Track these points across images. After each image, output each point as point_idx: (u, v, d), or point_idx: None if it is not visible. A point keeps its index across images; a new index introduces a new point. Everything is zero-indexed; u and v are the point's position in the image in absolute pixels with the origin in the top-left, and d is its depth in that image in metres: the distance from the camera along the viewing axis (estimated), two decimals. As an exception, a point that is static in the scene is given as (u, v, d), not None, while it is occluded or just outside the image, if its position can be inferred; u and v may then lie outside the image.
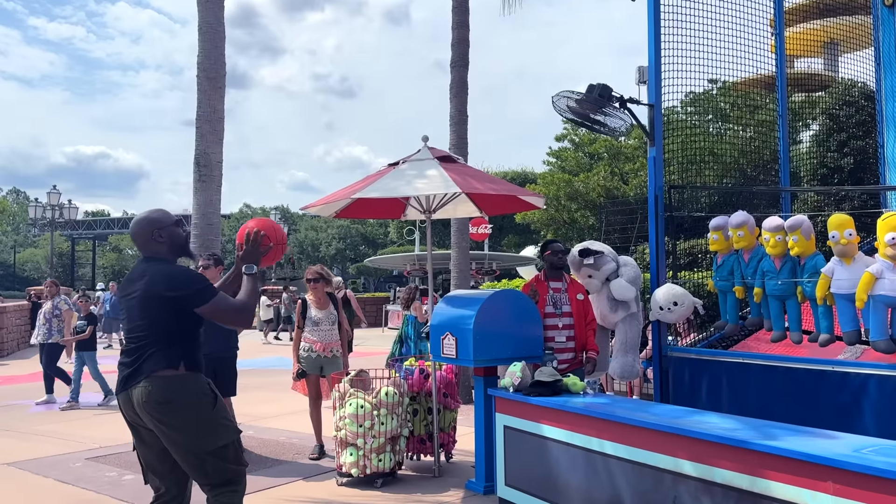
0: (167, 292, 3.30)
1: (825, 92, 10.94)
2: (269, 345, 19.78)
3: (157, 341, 3.31)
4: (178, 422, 3.27)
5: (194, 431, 3.28)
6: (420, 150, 6.08)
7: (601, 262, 5.95)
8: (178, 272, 3.43)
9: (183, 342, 3.38)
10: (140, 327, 3.35)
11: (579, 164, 25.57)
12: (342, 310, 6.89)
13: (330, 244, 60.13)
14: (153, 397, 3.25)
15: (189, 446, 3.28)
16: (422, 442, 6.10)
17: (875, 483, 2.85)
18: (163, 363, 3.29)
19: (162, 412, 3.26)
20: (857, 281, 4.70)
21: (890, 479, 2.80)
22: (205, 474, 3.32)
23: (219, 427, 3.36)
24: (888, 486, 2.81)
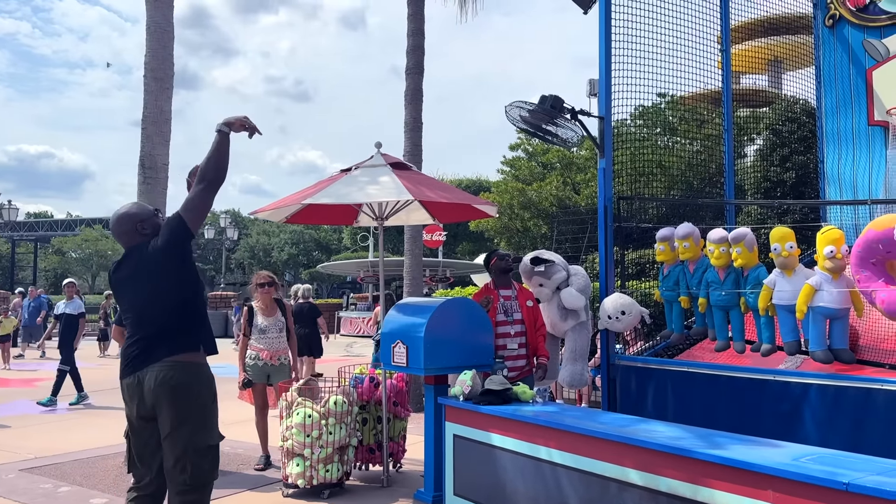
0: (163, 242, 3.34)
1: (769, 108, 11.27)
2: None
3: (174, 320, 3.33)
4: (185, 409, 3.27)
5: (194, 423, 3.29)
6: (373, 157, 6.05)
7: (552, 271, 6.00)
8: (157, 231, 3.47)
9: (198, 324, 3.43)
10: (148, 305, 3.34)
11: (532, 173, 25.81)
12: (290, 317, 6.78)
13: (282, 249, 59.31)
14: (169, 381, 3.25)
15: (183, 436, 3.27)
16: (371, 451, 6.03)
17: (813, 491, 2.92)
18: (184, 346, 3.32)
19: (175, 396, 3.25)
20: (797, 292, 4.84)
21: (826, 488, 2.87)
22: (182, 471, 3.28)
23: (214, 425, 3.41)
24: (825, 495, 2.87)
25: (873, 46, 7.10)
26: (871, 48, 7.12)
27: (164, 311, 3.35)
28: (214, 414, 3.42)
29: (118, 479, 6.06)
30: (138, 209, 3.57)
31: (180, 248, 3.38)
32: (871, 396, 4.54)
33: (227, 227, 40.53)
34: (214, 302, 26.71)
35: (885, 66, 6.99)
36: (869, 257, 4.55)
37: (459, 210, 6.78)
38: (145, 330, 3.36)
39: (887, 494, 2.69)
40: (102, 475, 6.19)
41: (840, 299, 4.74)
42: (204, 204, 3.41)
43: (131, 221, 3.49)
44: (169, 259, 3.35)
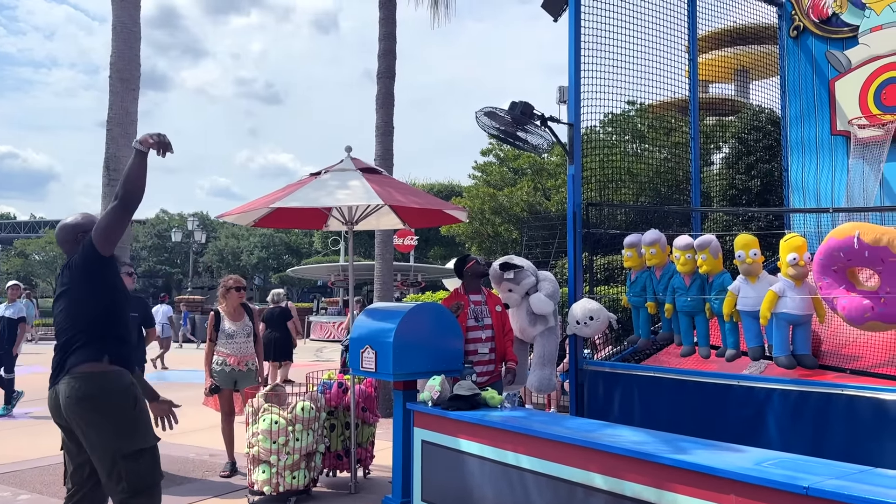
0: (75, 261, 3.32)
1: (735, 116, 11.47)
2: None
3: (80, 334, 3.29)
4: (97, 419, 3.22)
5: (113, 431, 3.24)
6: (343, 161, 6.02)
7: (521, 277, 6.02)
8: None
9: (106, 335, 3.34)
10: (64, 320, 3.33)
11: (504, 178, 25.91)
12: (258, 321, 6.71)
13: (252, 253, 58.74)
14: (75, 393, 3.20)
15: (106, 447, 3.23)
16: (338, 458, 5.99)
17: (774, 496, 2.96)
18: (86, 357, 3.26)
19: (83, 409, 3.21)
20: (761, 299, 4.92)
21: (787, 492, 2.91)
22: (119, 480, 3.24)
23: (139, 429, 3.33)
24: (786, 499, 2.91)
25: (836, 58, 7.27)
26: (834, 59, 7.29)
27: (74, 325, 3.33)
28: (136, 418, 3.35)
29: (79, 487, 5.93)
30: (82, 219, 3.51)
31: (90, 268, 3.32)
32: (832, 401, 4.63)
33: (194, 230, 40.00)
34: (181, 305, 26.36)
35: (847, 77, 7.15)
36: (830, 265, 4.65)
37: (430, 215, 6.77)
38: (60, 342, 3.35)
39: (846, 498, 2.74)
40: (62, 482, 6.04)
41: (803, 306, 4.83)
42: (113, 224, 3.30)
43: (73, 231, 3.46)
44: (80, 277, 3.32)
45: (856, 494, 2.72)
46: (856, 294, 4.58)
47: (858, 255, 4.45)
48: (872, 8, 7.00)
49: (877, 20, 6.96)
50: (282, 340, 10.84)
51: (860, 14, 7.10)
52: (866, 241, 4.39)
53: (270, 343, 10.53)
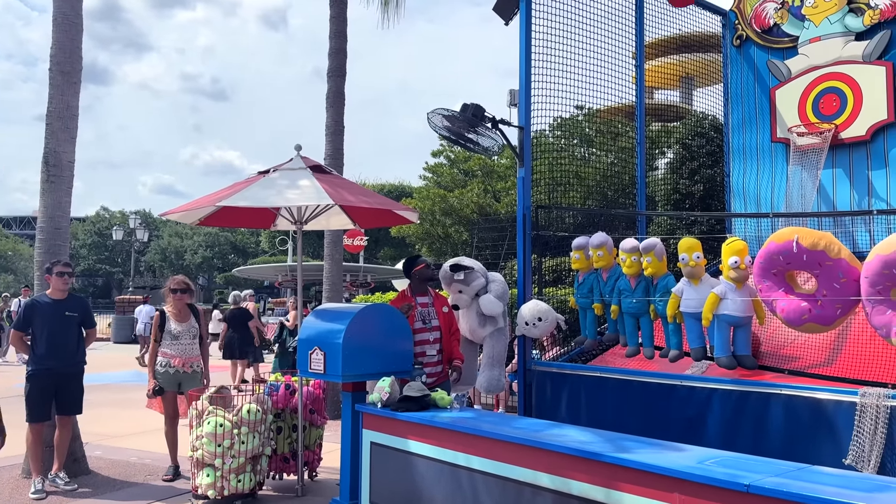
0: None
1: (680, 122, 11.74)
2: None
3: None
4: None
5: None
6: (292, 160, 5.94)
7: (471, 278, 6.04)
8: None
9: None
10: None
11: (454, 180, 25.99)
12: (205, 323, 6.57)
13: (196, 252, 57.49)
14: None
15: None
16: (285, 460, 5.91)
17: (717, 493, 3.03)
18: None
19: None
20: (703, 301, 5.04)
21: (729, 489, 2.99)
22: None
23: None
24: (727, 496, 2.99)
25: (777, 67, 7.51)
26: (775, 68, 7.52)
27: None
28: None
29: (15, 491, 5.72)
30: None
31: None
32: (771, 401, 4.77)
33: (136, 228, 38.88)
34: (122, 306, 25.60)
35: (787, 86, 7.39)
36: (770, 268, 4.79)
37: (381, 215, 6.74)
38: None
39: (785, 495, 2.83)
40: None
41: (743, 308, 4.97)
42: None
43: None
44: None
45: (794, 491, 2.81)
46: (794, 297, 4.74)
47: (797, 258, 4.60)
48: (811, 19, 7.26)
49: (815, 31, 7.22)
50: (241, 340, 11.48)
51: (800, 25, 7.35)
52: (804, 245, 4.54)
53: (233, 342, 11.39)
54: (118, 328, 24.49)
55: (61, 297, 5.98)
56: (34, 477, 5.75)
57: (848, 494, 2.75)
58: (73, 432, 6.15)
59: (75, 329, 6.01)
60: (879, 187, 6.83)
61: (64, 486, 5.80)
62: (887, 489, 2.91)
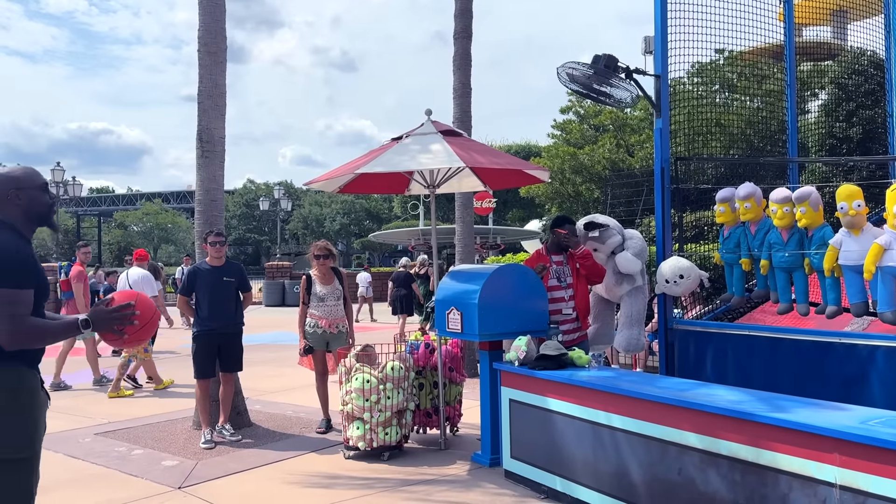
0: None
1: (834, 61, 10.78)
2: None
3: None
4: None
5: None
6: (423, 125, 6.03)
7: (606, 236, 5.92)
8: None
9: None
10: None
11: (584, 136, 25.39)
12: (346, 285, 6.88)
13: (334, 219, 60.09)
14: None
15: None
16: (427, 416, 6.12)
17: (881, 454, 2.85)
18: None
19: None
20: (865, 252, 4.66)
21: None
22: None
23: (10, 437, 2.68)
24: (894, 459, 2.80)
25: (949, -9, 6.70)
26: (947, -7, 6.72)
27: None
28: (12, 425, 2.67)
29: (188, 441, 6.31)
30: (24, 174, 2.91)
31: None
32: (944, 359, 4.38)
33: (280, 199, 41.21)
34: (271, 271, 27.29)
35: (961, 12, 6.59)
36: (943, 214, 4.35)
37: (511, 176, 6.72)
38: None
39: (962, 458, 2.61)
40: (172, 438, 6.45)
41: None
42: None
43: (7, 185, 2.84)
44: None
45: (975, 455, 2.59)
46: (973, 245, 4.28)
47: (976, 203, 4.14)
48: None
49: None
50: (405, 297, 13.68)
51: (978, -60, 6.49)
52: None
53: (397, 300, 13.82)
54: (269, 292, 26.10)
55: (219, 264, 6.45)
56: (203, 428, 6.31)
57: None
58: (235, 388, 6.68)
59: (233, 293, 6.47)
60: None
61: (230, 436, 6.33)
62: None
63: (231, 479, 5.27)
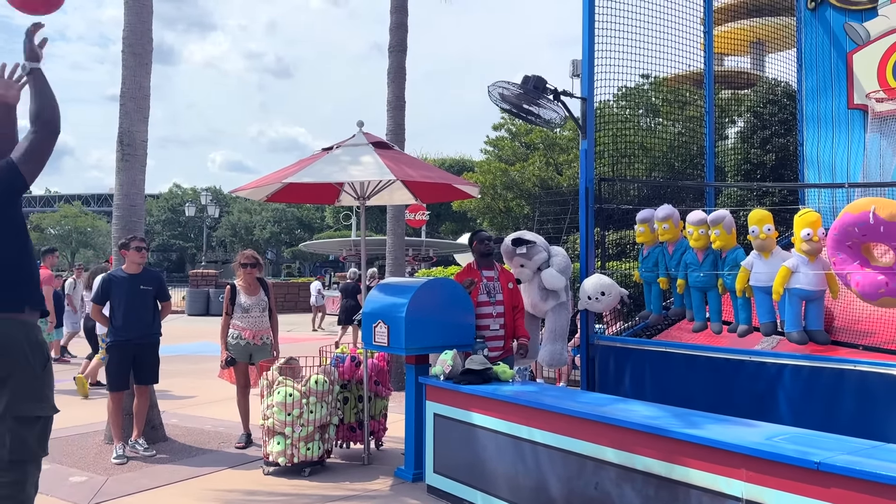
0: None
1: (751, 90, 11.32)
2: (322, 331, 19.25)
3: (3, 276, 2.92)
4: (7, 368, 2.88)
5: (18, 386, 2.90)
6: (354, 136, 6.00)
7: (533, 252, 6.03)
8: None
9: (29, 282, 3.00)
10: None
11: (516, 153, 25.77)
12: (273, 296, 6.76)
13: (264, 227, 58.98)
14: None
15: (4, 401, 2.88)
16: (352, 430, 6.06)
17: (785, 470, 2.98)
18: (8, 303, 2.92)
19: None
20: (774, 274, 4.90)
21: (798, 467, 2.93)
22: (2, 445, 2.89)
23: (44, 395, 3.00)
24: (797, 473, 2.93)
25: (854, 30, 7.14)
26: (853, 31, 7.16)
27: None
28: (45, 383, 2.99)
29: (98, 456, 6.05)
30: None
31: (10, 200, 2.96)
32: (844, 377, 4.63)
33: (208, 205, 40.15)
34: (196, 279, 26.53)
35: (865, 50, 7.03)
36: (845, 240, 4.61)
37: (442, 190, 6.76)
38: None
39: (857, 473, 2.75)
40: (82, 453, 6.17)
41: (816, 281, 4.81)
42: (46, 154, 2.97)
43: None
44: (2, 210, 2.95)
45: (867, 470, 2.74)
46: (870, 270, 4.55)
47: (874, 230, 4.41)
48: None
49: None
50: (353, 309, 13.49)
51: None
52: (882, 216, 4.35)
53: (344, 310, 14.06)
54: (192, 301, 25.34)
55: (136, 272, 6.24)
56: (115, 443, 6.06)
57: (926, 474, 2.66)
58: (150, 401, 6.45)
59: (150, 302, 6.27)
60: (967, 154, 6.46)
61: (143, 451, 6.10)
62: (969, 470, 2.79)
63: (143, 496, 5.08)
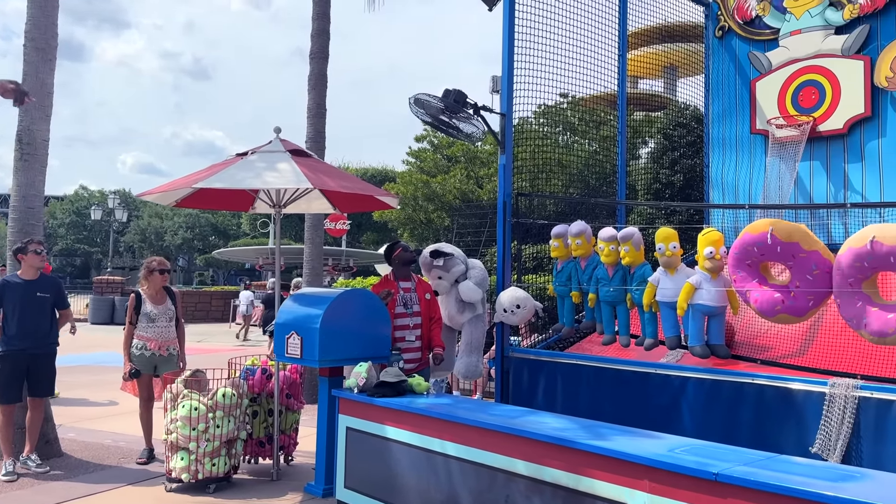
0: None
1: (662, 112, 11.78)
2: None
3: None
4: None
5: None
6: (271, 142, 5.89)
7: (451, 264, 6.05)
8: None
9: None
10: None
11: (437, 165, 25.89)
12: (181, 305, 6.52)
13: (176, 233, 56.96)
14: None
15: None
16: (261, 444, 5.90)
17: (686, 481, 3.08)
18: None
19: None
20: (679, 290, 5.08)
21: (697, 478, 3.03)
22: None
23: None
24: (696, 484, 3.04)
25: (757, 59, 7.54)
26: (756, 60, 7.55)
27: None
28: None
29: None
30: None
31: None
32: (743, 390, 4.84)
33: (115, 208, 38.40)
34: (100, 286, 25.34)
35: (767, 78, 7.43)
36: (745, 259, 4.83)
37: (361, 200, 6.70)
38: None
39: (753, 484, 2.87)
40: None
41: (718, 298, 5.01)
42: None
43: None
44: None
45: (762, 480, 2.86)
46: (767, 287, 4.79)
47: (771, 249, 4.64)
48: (793, 12, 7.29)
49: (796, 24, 7.25)
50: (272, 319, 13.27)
51: (781, 17, 7.38)
52: (779, 236, 4.58)
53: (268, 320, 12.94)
54: (96, 309, 24.20)
55: (33, 277, 5.90)
56: (5, 459, 5.69)
57: (814, 484, 2.80)
58: (45, 414, 6.09)
59: (48, 310, 5.93)
60: (855, 180, 6.91)
61: (35, 468, 5.75)
62: (852, 479, 2.96)
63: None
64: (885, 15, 6.69)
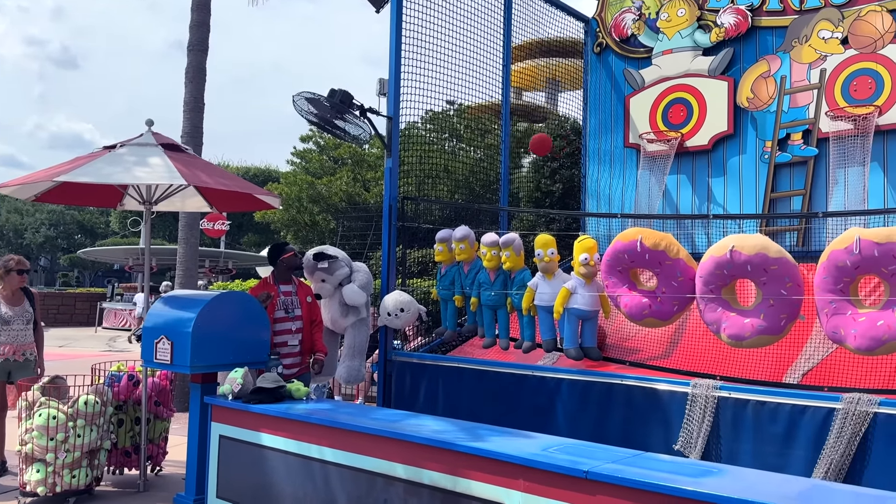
0: None
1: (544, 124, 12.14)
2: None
3: None
4: None
5: None
6: (143, 135, 5.59)
7: (335, 267, 5.96)
8: None
9: None
10: None
11: (323, 167, 25.51)
12: (39, 308, 6.06)
13: (38, 230, 52.97)
14: None
15: None
16: (126, 455, 5.57)
17: (558, 479, 3.17)
18: None
19: None
20: (556, 295, 5.26)
21: (569, 476, 3.13)
22: None
23: None
24: (567, 482, 3.14)
25: (632, 75, 7.94)
26: (630, 77, 7.96)
27: None
28: None
29: None
30: None
31: None
32: (612, 391, 5.06)
33: (-31, 203, 35.23)
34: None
35: (640, 95, 7.84)
36: (616, 265, 5.06)
37: (241, 199, 6.49)
38: None
39: (619, 480, 3.00)
40: None
41: (591, 302, 5.23)
42: None
43: None
44: None
45: (628, 477, 2.99)
46: (636, 293, 5.04)
47: (640, 257, 4.89)
48: (665, 32, 7.74)
49: (668, 44, 7.71)
50: None
51: (655, 37, 7.81)
52: (647, 244, 4.83)
53: None
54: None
55: None
56: None
57: (676, 479, 2.96)
58: None
59: None
60: (718, 193, 7.41)
61: None
62: (711, 474, 3.16)
63: None
64: (748, 40, 7.24)
